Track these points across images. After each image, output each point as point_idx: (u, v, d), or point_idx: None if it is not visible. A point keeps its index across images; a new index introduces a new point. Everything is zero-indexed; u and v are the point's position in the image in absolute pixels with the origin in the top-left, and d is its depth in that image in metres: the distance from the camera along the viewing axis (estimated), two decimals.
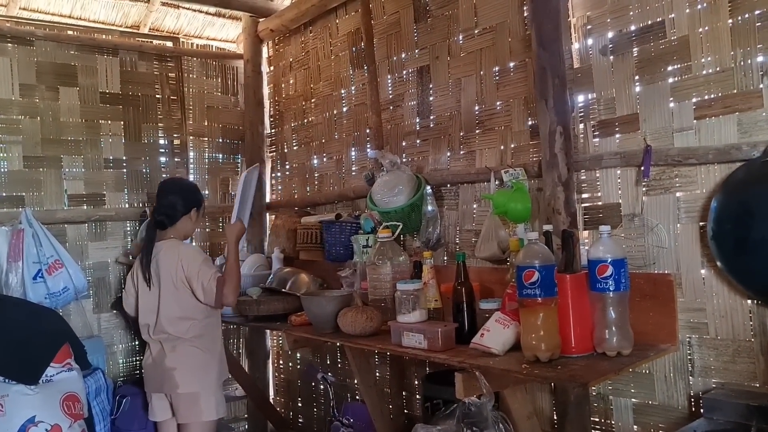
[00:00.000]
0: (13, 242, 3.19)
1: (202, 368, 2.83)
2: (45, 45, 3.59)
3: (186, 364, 2.80)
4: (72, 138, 3.65)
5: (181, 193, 2.96)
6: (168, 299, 2.80)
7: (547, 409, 2.64)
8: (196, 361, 2.82)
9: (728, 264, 2.06)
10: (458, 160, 3.00)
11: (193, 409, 2.80)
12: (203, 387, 2.81)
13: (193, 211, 2.95)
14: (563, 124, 2.45)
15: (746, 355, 2.09)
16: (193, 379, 2.81)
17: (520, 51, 2.73)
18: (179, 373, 2.79)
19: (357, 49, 3.59)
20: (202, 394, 2.80)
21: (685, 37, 2.22)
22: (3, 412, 2.64)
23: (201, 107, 4.21)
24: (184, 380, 2.79)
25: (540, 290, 1.93)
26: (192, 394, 2.79)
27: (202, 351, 2.83)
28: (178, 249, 2.83)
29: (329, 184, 3.83)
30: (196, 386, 2.80)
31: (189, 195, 2.99)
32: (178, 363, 2.80)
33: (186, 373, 2.80)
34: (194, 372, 2.81)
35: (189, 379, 2.80)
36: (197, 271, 2.75)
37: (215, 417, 2.85)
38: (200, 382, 2.81)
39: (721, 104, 2.14)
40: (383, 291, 2.65)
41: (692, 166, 2.20)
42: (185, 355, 2.81)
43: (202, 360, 2.83)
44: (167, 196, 2.93)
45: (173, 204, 2.90)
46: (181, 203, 2.91)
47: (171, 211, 2.89)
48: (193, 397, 2.80)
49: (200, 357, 2.83)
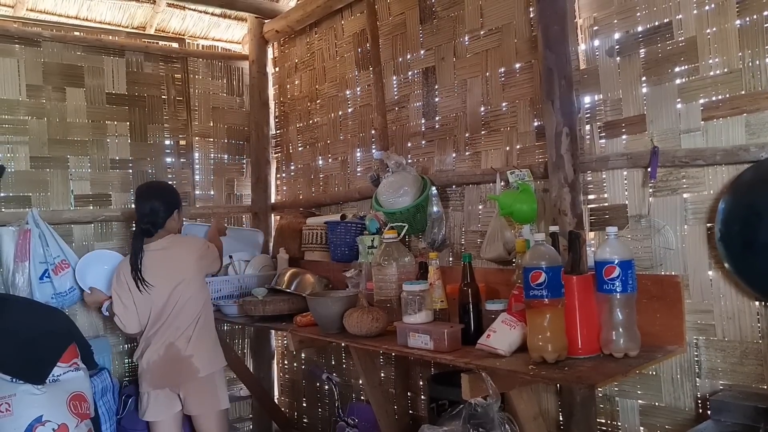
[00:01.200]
0: (20, 242, 3.20)
1: (215, 349, 3.03)
2: (52, 46, 3.60)
3: (202, 348, 2.94)
4: (78, 138, 3.67)
5: (160, 198, 3.00)
6: (181, 290, 2.91)
7: (552, 410, 2.63)
8: (209, 344, 2.99)
9: (736, 265, 2.05)
10: (464, 161, 3.00)
11: (211, 397, 2.96)
12: (219, 368, 3.01)
13: (175, 212, 3.02)
14: (569, 125, 2.45)
15: (754, 356, 2.08)
16: (211, 360, 2.97)
17: (526, 52, 2.73)
18: (197, 358, 2.91)
19: (362, 50, 3.60)
20: (218, 376, 2.99)
21: (693, 38, 2.21)
22: (10, 412, 2.66)
23: (206, 108, 4.22)
24: (203, 363, 2.92)
25: (547, 291, 1.93)
26: (211, 375, 2.94)
27: (210, 333, 3.03)
28: (183, 239, 3.08)
29: (334, 185, 3.83)
30: (216, 365, 2.99)
31: (169, 198, 3.04)
32: (195, 350, 2.91)
33: (204, 357, 2.93)
34: (210, 354, 2.98)
35: (207, 362, 2.94)
36: (206, 247, 3.05)
37: (228, 405, 3.05)
38: (218, 362, 3.01)
39: (729, 105, 2.13)
40: (389, 292, 2.65)
41: (700, 168, 2.19)
42: (200, 340, 2.94)
43: (213, 341, 3.04)
44: (147, 203, 2.97)
45: (155, 210, 2.95)
46: (163, 208, 2.96)
47: (154, 218, 2.95)
48: (212, 381, 2.95)
49: (212, 339, 3.04)
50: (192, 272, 2.96)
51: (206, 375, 2.93)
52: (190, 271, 2.95)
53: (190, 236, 3.27)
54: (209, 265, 3.08)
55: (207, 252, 3.05)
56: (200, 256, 3.00)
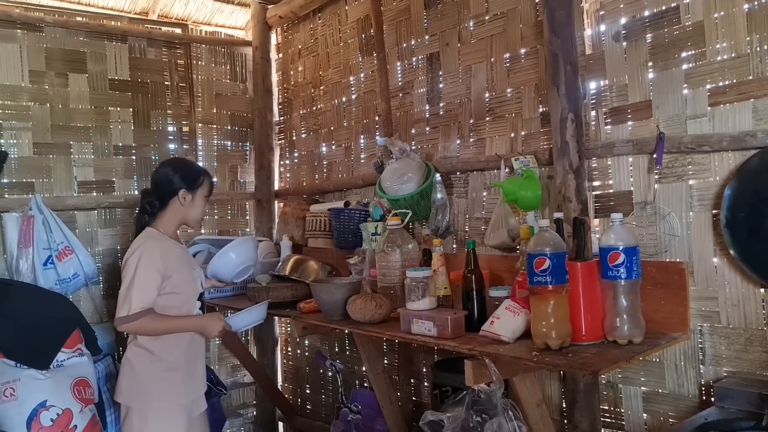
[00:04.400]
0: (24, 228, 3.20)
1: (138, 385, 2.47)
2: (54, 31, 3.59)
3: (125, 373, 2.51)
4: (81, 125, 3.66)
5: (164, 168, 2.63)
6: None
7: (555, 397, 2.63)
8: (133, 373, 2.49)
9: (742, 252, 2.04)
10: (468, 147, 2.99)
11: (127, 421, 2.49)
12: (137, 406, 2.46)
13: (181, 192, 2.57)
14: (575, 111, 2.43)
15: (758, 343, 2.07)
16: (129, 392, 2.49)
17: (531, 37, 2.71)
18: (121, 379, 2.52)
19: (366, 36, 3.57)
20: (135, 411, 2.45)
21: (700, 23, 2.19)
22: (15, 397, 2.67)
23: (210, 94, 4.20)
24: (121, 388, 2.51)
25: (551, 278, 1.92)
26: (128, 407, 2.48)
27: (141, 361, 2.48)
28: (147, 234, 2.55)
29: (338, 171, 3.82)
30: (131, 401, 2.47)
31: (169, 173, 2.59)
32: (122, 368, 2.54)
33: (124, 382, 2.51)
34: (131, 386, 2.49)
35: (125, 390, 2.50)
36: (129, 277, 2.42)
37: None
38: (137, 399, 2.47)
39: (736, 91, 2.11)
40: (392, 278, 2.64)
41: (706, 154, 2.17)
42: (128, 362, 2.51)
43: (140, 373, 2.47)
44: (153, 175, 2.65)
45: (157, 183, 2.60)
46: (163, 182, 2.58)
47: (150, 196, 2.61)
48: (129, 410, 2.48)
49: (139, 370, 2.47)
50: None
51: (124, 404, 2.50)
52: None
53: (154, 236, 2.54)
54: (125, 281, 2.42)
55: (131, 259, 2.44)
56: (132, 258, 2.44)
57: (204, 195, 2.65)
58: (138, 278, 2.41)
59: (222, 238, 3.83)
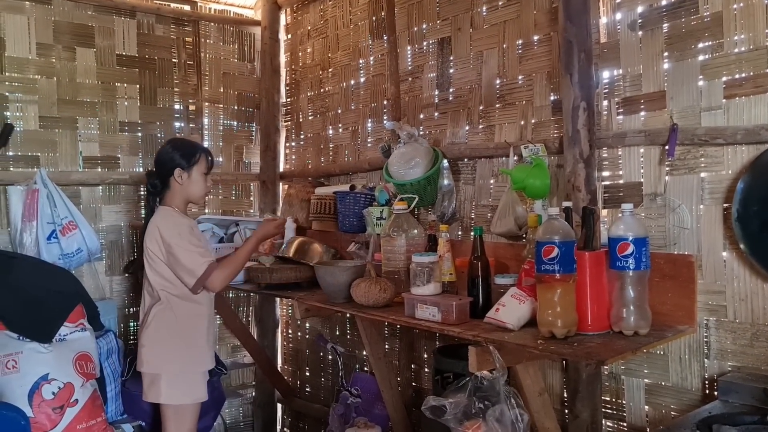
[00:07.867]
0: (28, 202, 3.19)
1: (168, 351, 2.62)
2: (63, 4, 3.55)
3: (153, 342, 2.63)
4: (88, 100, 3.64)
5: (155, 163, 2.73)
6: (147, 270, 2.65)
7: (557, 386, 2.63)
8: (161, 342, 2.63)
9: (752, 246, 2.02)
10: (477, 134, 2.96)
11: (154, 388, 2.62)
12: (166, 371, 2.61)
13: (176, 171, 2.65)
14: (587, 99, 2.41)
15: (765, 339, 2.06)
16: (158, 359, 2.62)
17: (545, 24, 2.67)
18: (146, 351, 2.64)
19: (377, 19, 3.53)
20: (164, 377, 2.60)
21: (719, 14, 2.16)
22: (17, 369, 2.67)
23: (217, 73, 4.17)
24: (148, 358, 2.63)
25: (559, 266, 1.91)
26: (156, 374, 2.62)
27: (168, 331, 2.62)
28: (157, 220, 2.63)
29: (344, 155, 3.80)
30: (162, 368, 2.61)
31: (163, 154, 2.69)
32: (145, 340, 2.64)
33: (149, 353, 2.63)
34: (161, 352, 2.63)
35: (153, 360, 2.63)
36: (180, 250, 2.55)
37: (178, 402, 2.64)
38: (167, 366, 2.61)
39: (753, 83, 2.08)
40: (397, 263, 2.63)
41: (719, 147, 2.15)
42: (153, 332, 2.63)
43: (171, 341, 2.62)
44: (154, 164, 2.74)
45: (157, 163, 2.71)
46: (156, 165, 2.71)
47: (152, 177, 2.72)
48: (156, 376, 2.62)
49: (169, 338, 2.62)
50: (152, 252, 2.61)
51: (149, 372, 2.64)
52: (151, 250, 2.61)
53: (172, 213, 2.66)
54: (173, 259, 2.56)
55: (175, 238, 2.56)
56: (167, 237, 2.57)
57: (202, 172, 2.72)
58: (188, 245, 2.56)
59: (226, 218, 3.82)
